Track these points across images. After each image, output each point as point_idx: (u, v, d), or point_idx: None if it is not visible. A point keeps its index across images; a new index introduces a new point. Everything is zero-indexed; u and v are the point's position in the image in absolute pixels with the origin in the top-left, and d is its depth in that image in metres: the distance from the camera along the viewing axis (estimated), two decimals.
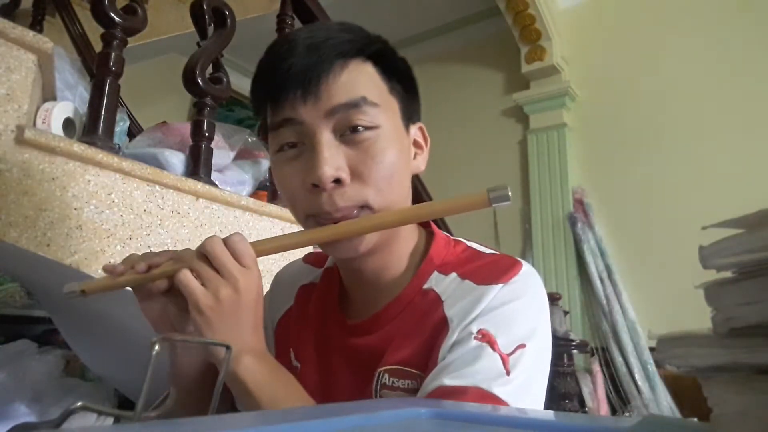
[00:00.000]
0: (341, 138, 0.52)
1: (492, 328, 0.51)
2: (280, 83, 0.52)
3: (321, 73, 0.51)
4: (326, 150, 0.51)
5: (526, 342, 0.51)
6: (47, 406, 1.22)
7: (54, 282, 1.12)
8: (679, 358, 0.24)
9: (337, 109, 0.51)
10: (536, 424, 0.34)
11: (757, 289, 0.21)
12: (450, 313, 0.53)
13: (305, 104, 0.51)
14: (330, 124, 0.52)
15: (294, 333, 0.66)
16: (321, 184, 0.50)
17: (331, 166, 0.50)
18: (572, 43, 3.10)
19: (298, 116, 0.52)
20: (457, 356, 0.50)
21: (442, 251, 0.60)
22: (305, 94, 0.51)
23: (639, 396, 2.43)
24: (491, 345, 0.49)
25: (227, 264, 0.50)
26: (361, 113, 0.52)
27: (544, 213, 2.98)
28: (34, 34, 0.88)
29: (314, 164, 0.50)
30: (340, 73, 0.52)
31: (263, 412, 0.47)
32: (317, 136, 0.51)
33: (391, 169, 0.53)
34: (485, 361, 0.49)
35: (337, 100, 0.51)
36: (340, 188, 0.51)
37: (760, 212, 0.21)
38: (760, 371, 0.21)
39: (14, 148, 0.83)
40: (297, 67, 0.51)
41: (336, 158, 0.51)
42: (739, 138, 2.52)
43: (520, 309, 0.53)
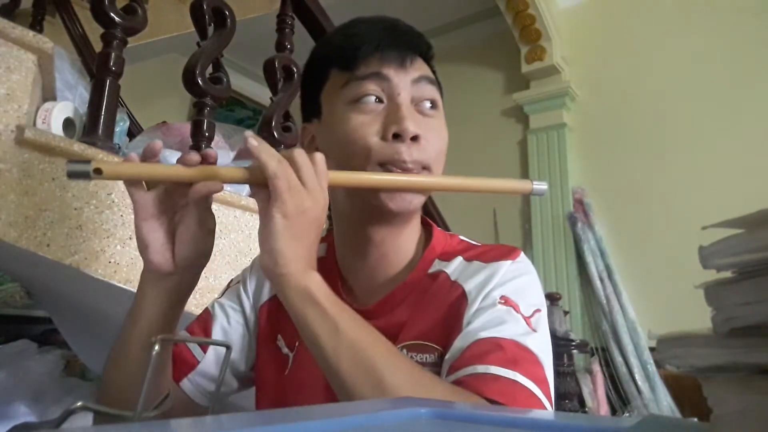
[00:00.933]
0: (415, 106, 0.59)
1: (511, 295, 0.57)
2: (384, 40, 0.58)
3: (418, 46, 0.60)
4: (408, 111, 0.57)
5: (540, 307, 0.58)
6: (47, 406, 1.22)
7: (54, 282, 1.12)
8: (679, 358, 0.24)
9: (422, 80, 0.59)
10: (536, 424, 0.34)
11: (757, 289, 0.21)
12: (468, 287, 0.58)
13: (400, 66, 0.58)
14: (412, 90, 0.59)
15: (282, 321, 0.65)
16: (405, 135, 0.56)
17: (413, 124, 0.56)
18: (572, 43, 3.10)
19: (390, 75, 0.58)
20: (486, 318, 0.55)
21: (442, 242, 0.66)
22: (402, 57, 0.58)
23: (639, 396, 2.43)
24: (515, 308, 0.56)
25: (312, 178, 0.50)
26: (434, 92, 0.61)
27: (544, 213, 2.98)
28: (34, 34, 0.88)
29: (400, 117, 0.56)
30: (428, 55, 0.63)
31: (264, 413, 0.47)
32: (403, 95, 0.58)
33: (443, 144, 0.61)
34: (513, 321, 0.54)
35: (423, 73, 0.60)
36: (416, 144, 0.57)
37: (760, 212, 0.21)
38: (760, 371, 0.21)
39: (14, 148, 0.83)
40: (400, 34, 0.60)
41: (416, 118, 0.58)
42: (739, 138, 2.52)
43: (529, 282, 0.60)
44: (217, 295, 0.76)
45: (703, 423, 0.26)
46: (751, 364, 0.21)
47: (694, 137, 2.64)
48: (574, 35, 3.11)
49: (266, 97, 1.56)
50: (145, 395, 0.35)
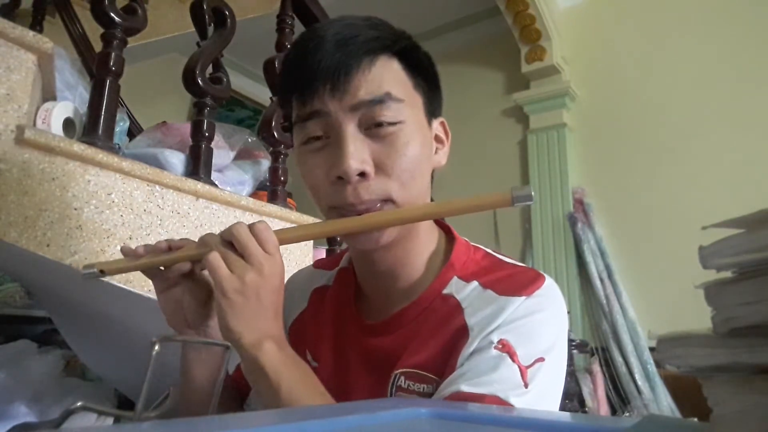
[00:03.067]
0: (366, 132, 0.53)
1: (513, 339, 0.51)
2: (310, 77, 0.53)
3: (349, 68, 0.52)
4: (351, 143, 0.51)
5: (545, 356, 0.52)
6: (47, 406, 1.22)
7: (54, 282, 1.12)
8: (679, 358, 0.24)
9: (363, 104, 0.52)
10: (536, 424, 0.34)
11: (757, 289, 0.21)
12: (471, 322, 0.54)
13: (333, 98, 0.52)
14: (356, 118, 0.53)
15: (310, 334, 0.67)
16: (346, 177, 0.51)
17: (356, 160, 0.51)
18: (572, 43, 3.10)
19: (325, 109, 0.53)
20: (475, 364, 0.50)
21: (463, 257, 0.61)
22: (333, 88, 0.52)
23: (639, 396, 2.43)
24: (511, 356, 0.50)
25: (253, 249, 0.51)
26: (386, 108, 0.53)
27: (544, 213, 2.98)
28: (34, 34, 0.88)
29: (340, 157, 0.51)
30: (367, 70, 0.53)
31: (264, 413, 0.47)
32: (343, 129, 0.52)
33: (414, 162, 0.54)
34: (504, 371, 0.49)
35: (363, 96, 0.52)
36: (365, 181, 0.52)
37: (760, 212, 0.21)
38: (760, 371, 0.21)
39: (14, 148, 0.83)
40: (326, 62, 0.52)
41: (361, 152, 0.52)
42: (739, 138, 2.52)
43: (541, 322, 0.53)
44: None
45: (703, 423, 0.26)
46: (751, 364, 0.21)
47: (694, 137, 2.64)
48: (574, 35, 3.11)
49: (266, 97, 1.57)
50: (145, 395, 0.35)
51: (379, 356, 0.58)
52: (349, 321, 0.64)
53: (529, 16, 2.92)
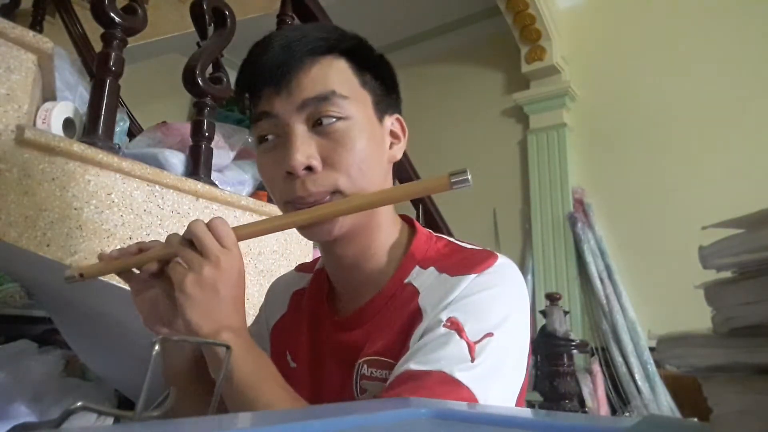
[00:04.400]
0: (313, 129, 0.55)
1: (461, 316, 0.52)
2: (257, 79, 0.56)
3: (292, 69, 0.55)
4: (298, 140, 0.54)
5: (494, 331, 0.52)
6: (47, 406, 1.22)
7: (54, 282, 1.12)
8: (679, 358, 0.24)
9: (308, 102, 0.55)
10: (536, 424, 0.34)
11: (757, 289, 0.21)
12: (423, 303, 0.56)
13: (279, 98, 0.55)
14: (302, 116, 0.55)
15: (289, 336, 0.68)
16: (294, 172, 0.54)
17: (302, 154, 0.53)
18: (572, 43, 3.10)
19: (272, 109, 0.55)
20: (424, 342, 0.52)
21: (423, 246, 0.62)
22: (278, 88, 0.55)
23: (639, 396, 2.43)
24: (459, 332, 0.51)
25: (209, 244, 0.53)
26: (331, 105, 0.55)
27: (544, 213, 2.98)
28: (34, 34, 0.88)
29: (287, 153, 0.54)
30: (311, 69, 0.55)
31: (263, 413, 0.47)
32: (290, 127, 0.55)
33: (360, 155, 0.56)
34: (451, 347, 0.50)
35: (307, 94, 0.55)
36: (312, 175, 0.55)
37: (760, 212, 0.21)
38: (760, 371, 0.21)
39: (14, 148, 0.83)
40: (271, 63, 0.55)
41: (307, 147, 0.54)
42: (739, 138, 2.52)
43: (490, 298, 0.54)
44: None
45: (703, 423, 0.26)
46: (751, 364, 0.21)
47: (694, 137, 2.64)
48: (574, 35, 3.11)
49: None
50: (144, 395, 0.35)
51: (349, 350, 0.60)
52: (322, 319, 0.65)
53: (529, 16, 2.92)
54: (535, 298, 2.89)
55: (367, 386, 0.56)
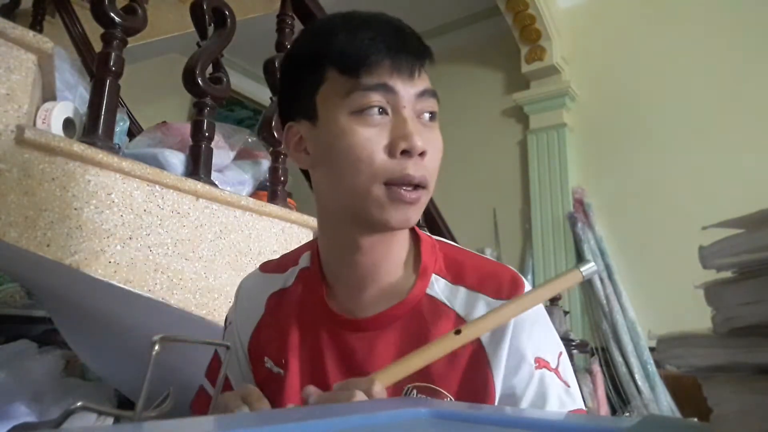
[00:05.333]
0: (417, 118, 0.56)
1: (538, 351, 0.57)
2: (391, 49, 0.55)
3: (425, 55, 0.57)
4: (414, 124, 0.55)
5: (559, 347, 0.59)
6: (47, 406, 1.22)
7: (54, 282, 1.12)
8: (679, 358, 0.24)
9: (426, 93, 0.57)
10: (536, 424, 0.34)
11: (757, 289, 0.21)
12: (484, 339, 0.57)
13: (408, 78, 0.55)
14: (416, 104, 0.56)
15: (270, 341, 0.65)
16: (414, 151, 0.53)
17: (422, 139, 0.54)
18: (572, 43, 3.10)
19: (396, 87, 0.55)
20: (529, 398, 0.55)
21: (432, 254, 0.63)
22: (411, 69, 0.55)
23: (639, 396, 2.43)
24: (547, 368, 0.56)
25: None
26: (435, 104, 0.58)
27: (544, 213, 2.98)
28: (34, 34, 0.88)
29: (408, 133, 0.53)
30: (429, 63, 0.58)
31: (264, 412, 0.47)
32: (408, 108, 0.55)
33: (440, 156, 0.58)
34: (551, 389, 0.56)
35: (427, 86, 0.57)
36: (421, 160, 0.55)
37: (760, 212, 0.21)
38: (760, 371, 0.21)
39: (14, 148, 0.83)
40: (409, 41, 0.56)
41: (421, 132, 0.55)
42: (739, 138, 2.52)
43: (541, 321, 0.59)
44: (218, 307, 0.76)
45: (703, 423, 0.26)
46: (751, 364, 0.21)
47: (694, 137, 2.64)
48: (574, 35, 3.11)
49: (266, 97, 1.56)
50: (145, 395, 0.35)
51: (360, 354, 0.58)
52: (321, 318, 0.62)
53: (529, 16, 2.92)
54: None
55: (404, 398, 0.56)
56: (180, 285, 1.01)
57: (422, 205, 0.56)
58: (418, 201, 0.55)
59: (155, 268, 0.98)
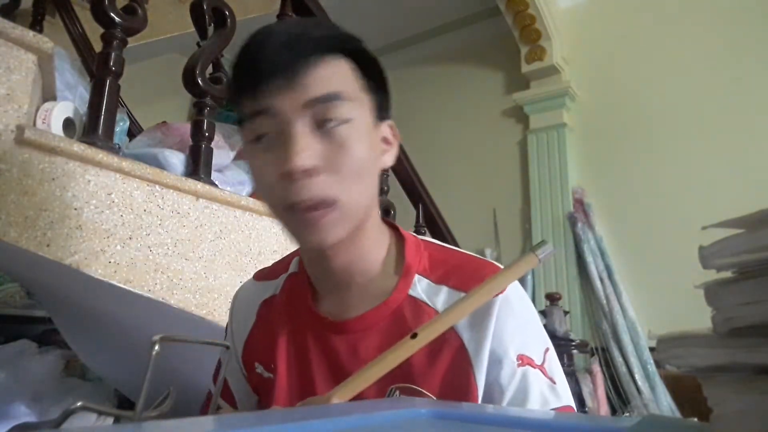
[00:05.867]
0: (317, 130, 0.53)
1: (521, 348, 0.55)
2: (260, 73, 0.52)
3: (300, 65, 0.52)
4: (301, 140, 0.51)
5: (545, 343, 0.57)
6: (47, 406, 1.22)
7: (54, 282, 1.12)
8: (679, 358, 0.24)
9: (314, 102, 0.52)
10: (536, 424, 0.34)
11: (757, 289, 0.21)
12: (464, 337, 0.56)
13: (284, 95, 0.52)
14: (306, 115, 0.52)
15: (260, 347, 0.66)
16: (292, 173, 0.51)
17: (305, 156, 0.51)
18: (572, 43, 3.10)
19: (275, 106, 0.52)
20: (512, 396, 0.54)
21: (416, 255, 0.62)
22: (284, 85, 0.52)
23: (639, 396, 2.43)
24: (531, 365, 0.55)
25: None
26: (336, 107, 0.52)
27: (544, 213, 2.98)
28: (34, 34, 0.88)
29: (288, 154, 0.51)
30: (318, 67, 0.53)
31: (264, 412, 0.47)
32: (292, 126, 0.52)
33: (360, 162, 0.54)
34: (534, 385, 0.54)
35: (313, 93, 0.52)
36: (310, 179, 0.51)
37: (760, 212, 0.21)
38: (760, 371, 0.21)
39: (14, 148, 0.83)
40: (277, 59, 0.52)
41: (310, 148, 0.51)
42: (739, 138, 2.52)
43: (526, 315, 0.58)
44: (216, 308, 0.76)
45: (703, 423, 0.26)
46: (751, 364, 0.21)
47: (694, 137, 2.64)
48: (574, 35, 3.11)
49: None
50: (145, 395, 0.35)
51: (345, 356, 0.58)
52: (307, 322, 0.62)
53: (529, 16, 2.92)
54: (535, 298, 2.89)
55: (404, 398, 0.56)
56: (180, 285, 1.01)
57: (338, 221, 0.53)
58: (325, 219, 0.52)
59: (155, 268, 0.98)
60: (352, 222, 0.55)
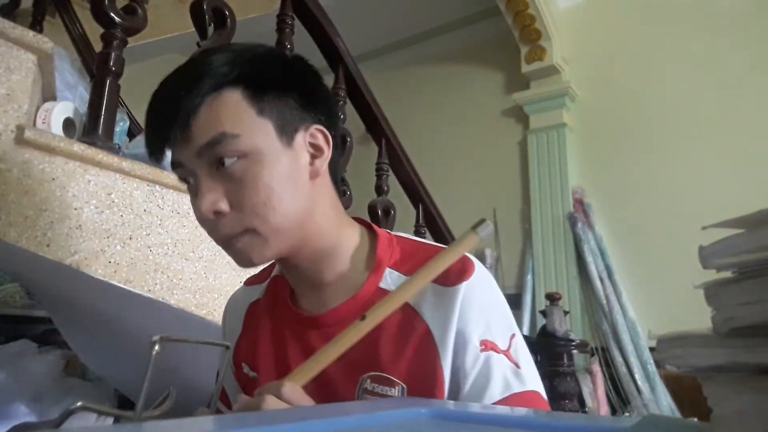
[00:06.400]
0: (218, 171, 0.55)
1: (485, 334, 0.56)
2: (159, 129, 0.56)
3: (184, 117, 0.53)
4: (203, 187, 0.54)
5: (512, 329, 0.58)
6: (47, 406, 1.22)
7: (54, 282, 1.12)
8: (679, 358, 0.24)
9: (203, 149, 0.54)
10: (536, 424, 0.34)
11: (757, 289, 0.21)
12: (430, 323, 0.57)
13: (181, 148, 0.55)
14: (203, 161, 0.54)
15: (246, 348, 0.68)
16: (203, 220, 0.55)
17: (207, 202, 0.53)
18: (572, 43, 3.10)
19: (178, 158, 0.56)
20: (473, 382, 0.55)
21: (388, 249, 0.63)
22: (179, 137, 0.54)
23: (639, 396, 2.43)
24: (494, 350, 0.55)
25: None
26: (224, 146, 0.53)
27: (544, 213, 2.98)
28: (34, 34, 0.88)
29: (196, 204, 0.54)
30: (199, 113, 0.54)
31: (264, 413, 0.47)
32: (197, 175, 0.55)
33: (266, 192, 0.54)
34: (498, 369, 0.55)
35: (200, 141, 0.54)
36: (222, 218, 0.54)
37: (760, 212, 0.21)
38: (760, 371, 0.21)
39: (14, 148, 0.83)
40: (165, 116, 0.55)
41: (212, 193, 0.54)
42: (739, 137, 2.52)
43: (492, 302, 0.59)
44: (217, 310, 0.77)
45: (703, 423, 0.26)
46: (751, 364, 0.21)
47: (694, 137, 2.64)
48: (574, 35, 3.11)
49: None
50: (145, 395, 0.35)
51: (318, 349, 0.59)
52: (286, 320, 0.65)
53: (529, 16, 2.92)
54: (535, 298, 2.89)
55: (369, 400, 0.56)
56: (180, 285, 1.02)
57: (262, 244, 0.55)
58: (248, 244, 0.55)
59: (155, 268, 0.98)
60: (283, 240, 0.57)
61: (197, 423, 0.32)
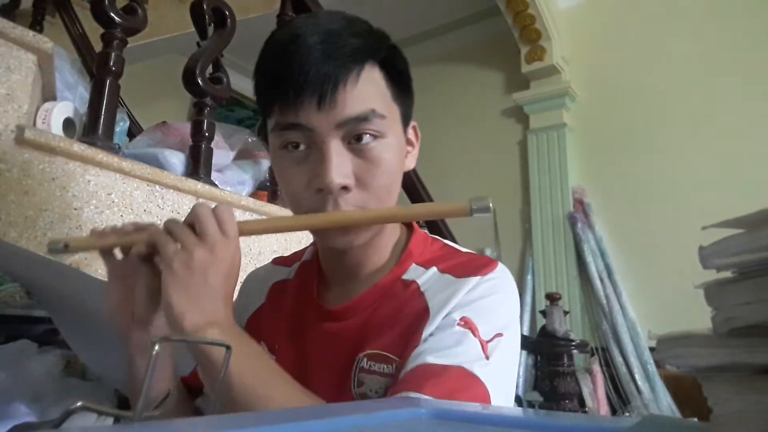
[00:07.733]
0: (348, 146, 0.54)
1: (473, 317, 0.54)
2: (295, 88, 0.52)
3: (337, 83, 0.51)
4: (335, 157, 0.52)
5: (503, 332, 0.55)
6: (47, 406, 1.22)
7: (54, 282, 1.12)
8: (679, 358, 0.24)
9: (349, 121, 0.52)
10: (536, 424, 0.34)
11: (757, 289, 0.21)
12: (431, 303, 0.56)
13: (318, 113, 0.52)
14: (340, 133, 0.53)
15: (266, 326, 0.67)
16: (328, 191, 0.52)
17: (339, 174, 0.52)
18: (572, 43, 3.10)
19: (309, 123, 0.52)
20: (440, 338, 0.53)
21: (420, 247, 0.64)
22: (320, 103, 0.51)
23: (639, 396, 2.43)
24: (473, 331, 0.53)
25: (208, 227, 0.51)
26: (370, 125, 0.53)
27: (544, 213, 2.98)
28: (34, 34, 0.88)
29: (323, 171, 0.52)
30: (354, 84, 0.52)
31: (264, 413, 0.47)
32: (327, 143, 0.53)
33: (391, 176, 0.56)
34: (467, 345, 0.52)
35: (349, 113, 0.52)
36: (345, 194, 0.53)
37: (760, 212, 0.21)
38: (760, 371, 0.21)
39: (14, 148, 0.82)
40: (313, 74, 0.51)
41: (344, 166, 0.53)
42: (739, 137, 2.52)
43: (498, 302, 0.57)
44: None
45: (703, 423, 0.26)
46: (751, 364, 0.21)
47: (694, 137, 2.64)
48: (574, 35, 3.11)
49: None
50: (145, 395, 0.35)
51: (339, 341, 0.59)
52: (308, 309, 0.64)
53: (529, 16, 2.92)
54: (535, 298, 2.89)
55: (365, 379, 0.56)
56: None
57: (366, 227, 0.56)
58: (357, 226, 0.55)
59: None
60: (376, 227, 0.58)
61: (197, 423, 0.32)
